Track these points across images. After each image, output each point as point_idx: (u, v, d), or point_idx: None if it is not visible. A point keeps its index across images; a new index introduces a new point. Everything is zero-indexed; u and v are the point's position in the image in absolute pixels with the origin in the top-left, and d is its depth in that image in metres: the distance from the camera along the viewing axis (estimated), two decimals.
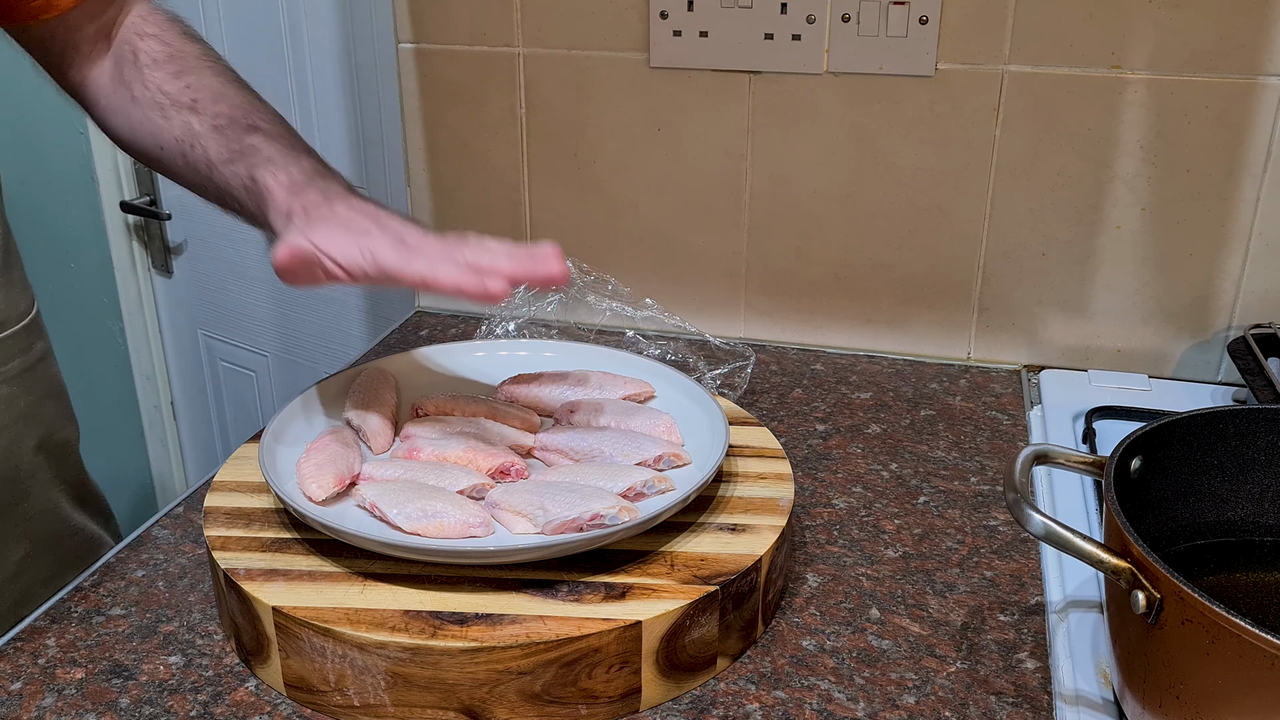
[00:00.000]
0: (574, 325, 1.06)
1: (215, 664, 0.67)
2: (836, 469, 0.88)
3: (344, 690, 0.62)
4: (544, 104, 1.08)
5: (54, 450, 0.75)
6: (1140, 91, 0.94)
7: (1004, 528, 0.80)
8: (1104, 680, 0.64)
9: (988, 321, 1.05)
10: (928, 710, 0.63)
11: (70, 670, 0.67)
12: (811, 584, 0.74)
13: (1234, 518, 0.67)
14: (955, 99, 0.98)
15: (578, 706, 0.62)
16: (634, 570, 0.66)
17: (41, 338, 0.73)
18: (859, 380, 1.03)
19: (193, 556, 0.77)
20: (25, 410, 0.71)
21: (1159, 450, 0.64)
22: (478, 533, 0.67)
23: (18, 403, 0.70)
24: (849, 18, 0.98)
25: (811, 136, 1.03)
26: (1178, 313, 1.00)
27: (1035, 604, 0.72)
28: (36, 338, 0.73)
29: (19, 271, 0.71)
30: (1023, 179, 0.99)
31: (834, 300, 1.08)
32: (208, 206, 0.78)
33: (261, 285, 1.72)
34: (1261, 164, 0.94)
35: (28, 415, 0.72)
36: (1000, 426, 0.95)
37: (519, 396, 0.83)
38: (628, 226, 1.10)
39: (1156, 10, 0.92)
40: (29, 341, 0.72)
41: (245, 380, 1.83)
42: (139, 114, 0.75)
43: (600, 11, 1.03)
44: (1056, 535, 0.57)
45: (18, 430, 0.70)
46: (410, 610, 0.62)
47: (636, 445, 0.75)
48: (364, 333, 1.58)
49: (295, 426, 0.77)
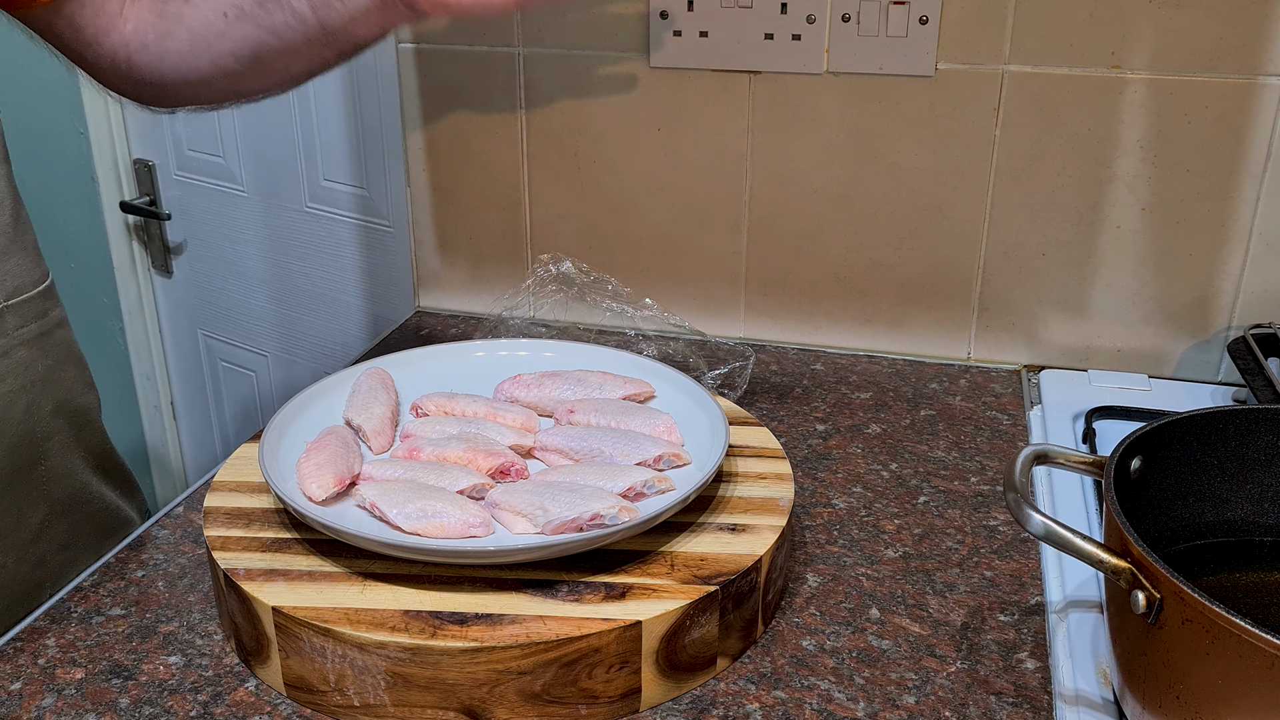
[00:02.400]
0: (574, 325, 1.06)
1: (215, 664, 0.67)
2: (836, 469, 0.88)
3: (344, 690, 0.62)
4: (544, 104, 1.08)
5: (73, 416, 0.77)
6: (1140, 91, 0.94)
7: (1004, 528, 0.80)
8: (1104, 680, 0.64)
9: (988, 321, 1.05)
10: (928, 710, 0.63)
11: (70, 670, 0.67)
12: (811, 584, 0.74)
13: (1234, 518, 0.67)
14: (955, 99, 0.98)
15: (578, 706, 0.62)
16: (634, 570, 0.66)
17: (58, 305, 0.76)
18: (859, 380, 1.03)
19: (193, 556, 0.77)
20: (43, 374, 0.74)
21: (1159, 450, 0.64)
22: (478, 533, 0.67)
23: (35, 366, 0.73)
24: (849, 18, 0.98)
25: (811, 136, 1.03)
26: (1178, 313, 1.00)
27: (1035, 604, 0.72)
28: (53, 304, 0.76)
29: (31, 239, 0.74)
30: (1023, 179, 0.99)
31: (834, 300, 1.08)
32: (208, 206, 0.79)
33: (261, 285, 1.72)
34: (1261, 164, 0.94)
35: (46, 379, 0.74)
36: (1000, 426, 0.95)
37: (519, 396, 0.83)
38: (628, 226, 1.10)
39: (1156, 10, 0.92)
40: (44, 307, 0.74)
41: (245, 380, 1.83)
42: (196, 13, 0.77)
43: (600, 11, 1.03)
44: (1056, 535, 0.57)
45: (35, 393, 0.73)
46: (410, 610, 0.62)
47: (636, 445, 0.75)
48: (364, 333, 1.58)
49: (295, 426, 0.77)
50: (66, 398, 0.76)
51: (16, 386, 0.71)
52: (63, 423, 0.76)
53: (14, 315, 0.71)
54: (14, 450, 0.71)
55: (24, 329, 0.72)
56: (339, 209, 1.55)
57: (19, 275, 0.72)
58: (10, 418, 0.71)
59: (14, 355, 0.71)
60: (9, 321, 0.71)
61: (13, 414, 0.71)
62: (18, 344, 0.71)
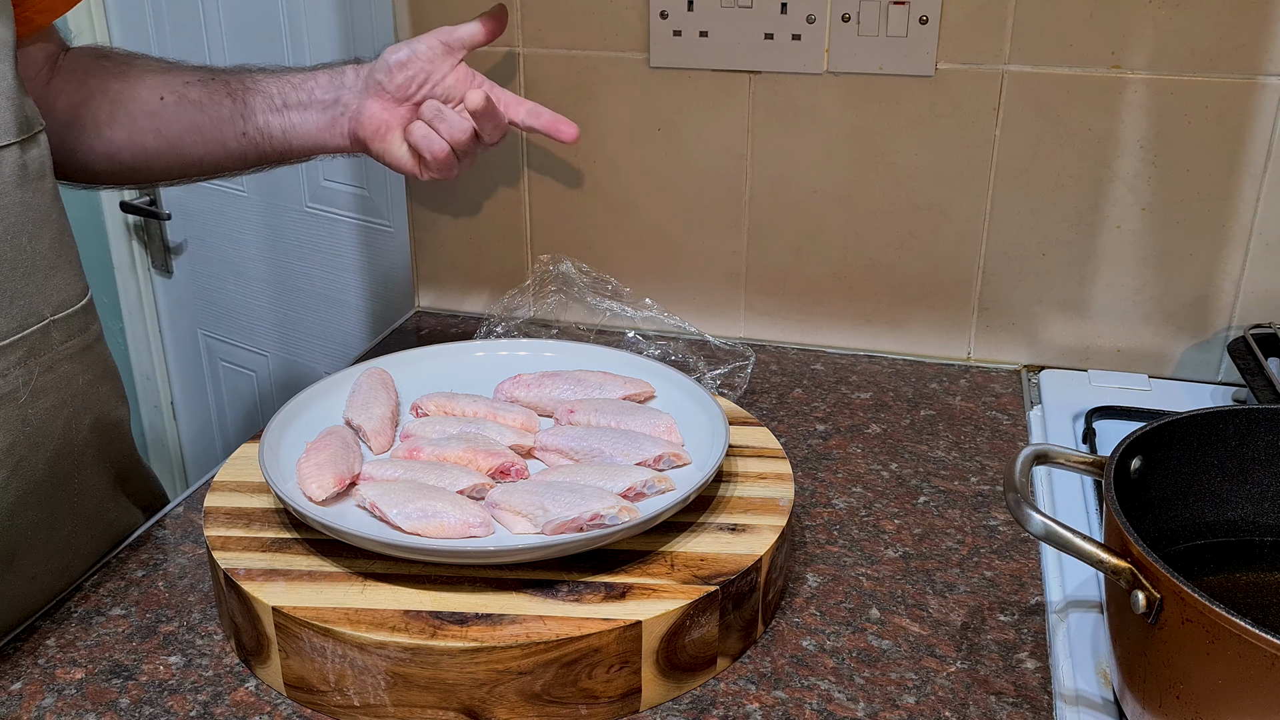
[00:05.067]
0: (574, 325, 1.06)
1: (215, 664, 0.67)
2: (836, 469, 0.88)
3: (344, 690, 0.62)
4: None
5: (105, 430, 0.78)
6: (1140, 91, 0.94)
7: (1004, 528, 0.80)
8: (1104, 680, 0.64)
9: (988, 321, 1.05)
10: (928, 710, 0.63)
11: (70, 670, 0.67)
12: (811, 584, 0.74)
13: (1234, 518, 0.67)
14: (955, 99, 0.98)
15: (578, 706, 0.62)
16: (634, 570, 0.66)
17: (96, 320, 0.77)
18: (859, 380, 1.03)
19: (193, 556, 0.77)
20: (83, 388, 0.74)
21: (1159, 450, 0.64)
22: (478, 533, 0.67)
23: (76, 380, 0.73)
24: (849, 18, 0.98)
25: (811, 136, 1.03)
26: (1178, 313, 1.00)
27: (1035, 604, 0.72)
28: (92, 319, 0.76)
29: (75, 254, 0.75)
30: (1023, 179, 0.99)
31: (834, 300, 1.08)
32: (208, 206, 0.81)
33: (261, 285, 1.72)
34: (1261, 164, 0.94)
35: (85, 393, 0.75)
36: (1000, 426, 0.95)
37: (519, 396, 0.83)
38: (628, 226, 1.10)
39: (1156, 10, 0.92)
40: (85, 322, 0.75)
41: (245, 380, 1.83)
42: None
43: (600, 11, 1.03)
44: (1056, 535, 0.57)
45: (76, 407, 0.73)
46: (410, 610, 0.62)
47: (636, 445, 0.75)
48: (364, 333, 1.58)
49: (295, 426, 0.77)
50: (103, 411, 0.77)
51: (58, 401, 0.72)
52: (96, 437, 0.76)
53: (59, 330, 0.72)
54: (52, 464, 0.72)
55: (68, 344, 0.73)
56: (339, 209, 1.55)
57: (64, 290, 0.72)
58: (52, 431, 0.71)
59: (58, 370, 0.71)
60: (54, 336, 0.71)
61: (54, 428, 0.71)
62: (62, 359, 0.72)
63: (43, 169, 0.71)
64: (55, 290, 0.72)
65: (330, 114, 0.90)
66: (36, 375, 0.70)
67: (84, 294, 0.75)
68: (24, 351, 0.69)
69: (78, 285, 0.74)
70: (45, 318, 0.71)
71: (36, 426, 0.70)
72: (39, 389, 0.70)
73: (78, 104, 0.85)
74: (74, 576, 0.75)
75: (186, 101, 0.87)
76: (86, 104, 0.85)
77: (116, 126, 0.86)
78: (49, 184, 0.72)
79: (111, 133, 0.86)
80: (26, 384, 0.69)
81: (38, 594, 0.72)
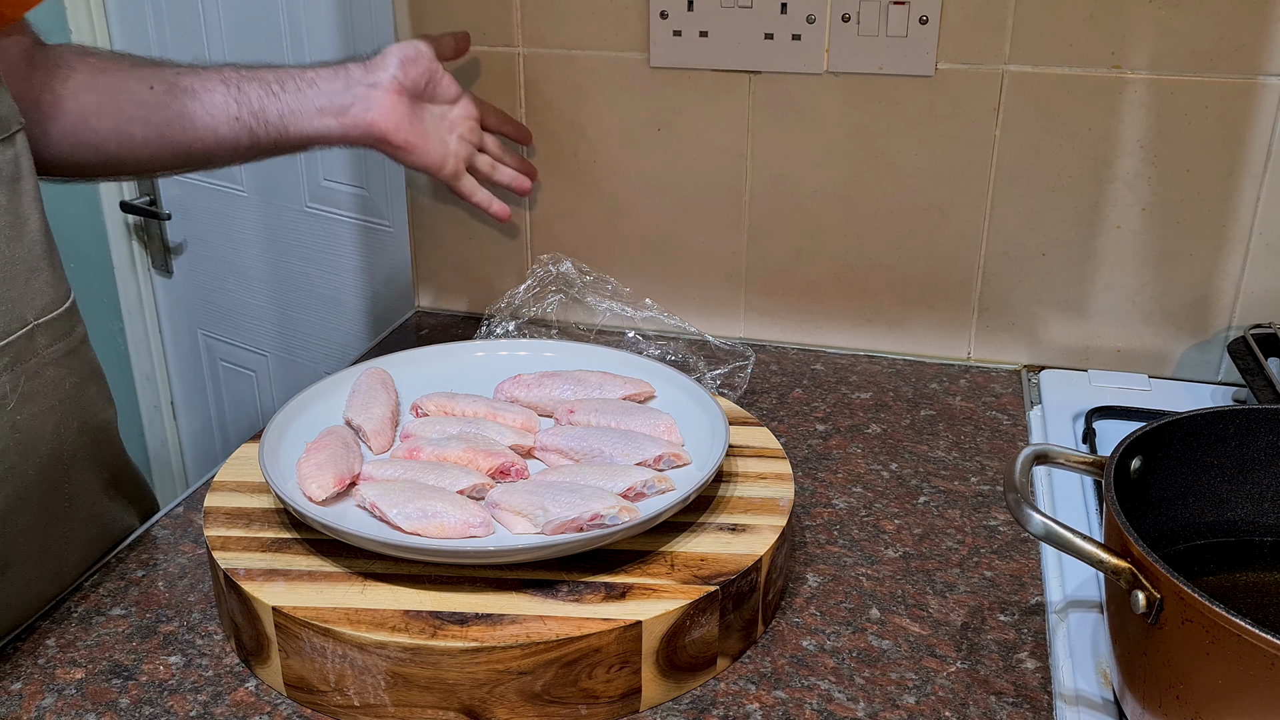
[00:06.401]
0: (574, 325, 1.06)
1: (215, 664, 0.67)
2: (836, 469, 0.88)
3: (344, 690, 0.62)
4: (544, 104, 1.08)
5: (94, 433, 0.77)
6: (1140, 91, 0.94)
7: (1004, 528, 0.80)
8: (1104, 680, 0.64)
9: (988, 321, 1.05)
10: (928, 710, 0.63)
11: (70, 670, 0.67)
12: (811, 584, 0.74)
13: (1234, 518, 0.67)
14: (955, 99, 0.98)
15: (578, 706, 0.62)
16: (634, 570, 0.66)
17: (80, 323, 0.77)
18: (859, 380, 1.03)
19: (193, 556, 0.77)
20: (70, 392, 0.74)
21: (1159, 450, 0.64)
22: (478, 533, 0.67)
23: (64, 384, 0.73)
24: (849, 18, 0.98)
25: (811, 136, 1.03)
26: (1178, 313, 1.00)
27: (1035, 604, 0.72)
28: (77, 321, 0.76)
29: (57, 257, 0.74)
30: (1023, 179, 0.99)
31: (834, 300, 1.08)
32: (208, 206, 0.80)
33: (261, 285, 1.72)
34: (1261, 164, 0.94)
35: (73, 396, 0.74)
36: (1000, 426, 0.95)
37: (519, 396, 0.83)
38: (628, 226, 1.10)
39: (1156, 10, 0.92)
40: (70, 325, 0.74)
41: (245, 380, 1.83)
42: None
43: (600, 11, 1.03)
44: (1056, 535, 0.57)
45: (64, 411, 0.73)
46: (410, 610, 0.62)
47: (636, 445, 0.75)
48: (364, 333, 1.58)
49: (295, 426, 0.77)
50: (90, 414, 0.77)
51: (46, 406, 0.71)
52: (86, 439, 0.76)
53: (44, 334, 0.71)
54: (43, 469, 0.71)
55: (53, 347, 0.72)
56: (339, 209, 1.55)
57: (47, 293, 0.72)
58: (41, 436, 0.71)
59: (45, 374, 0.71)
60: (39, 340, 0.71)
61: (43, 433, 0.71)
62: (48, 363, 0.71)
63: (19, 170, 0.70)
64: (37, 294, 0.71)
65: (337, 102, 0.89)
66: (23, 381, 0.69)
67: (67, 296, 0.74)
68: (9, 358, 0.68)
69: (60, 288, 0.73)
70: (29, 322, 0.70)
71: (26, 432, 0.70)
72: (26, 394, 0.69)
73: (63, 96, 0.82)
74: (68, 580, 0.75)
75: (177, 89, 0.86)
76: (74, 96, 0.83)
77: (104, 117, 0.84)
78: (27, 185, 0.71)
79: (98, 123, 0.84)
80: (14, 390, 0.68)
81: (32, 599, 0.72)
